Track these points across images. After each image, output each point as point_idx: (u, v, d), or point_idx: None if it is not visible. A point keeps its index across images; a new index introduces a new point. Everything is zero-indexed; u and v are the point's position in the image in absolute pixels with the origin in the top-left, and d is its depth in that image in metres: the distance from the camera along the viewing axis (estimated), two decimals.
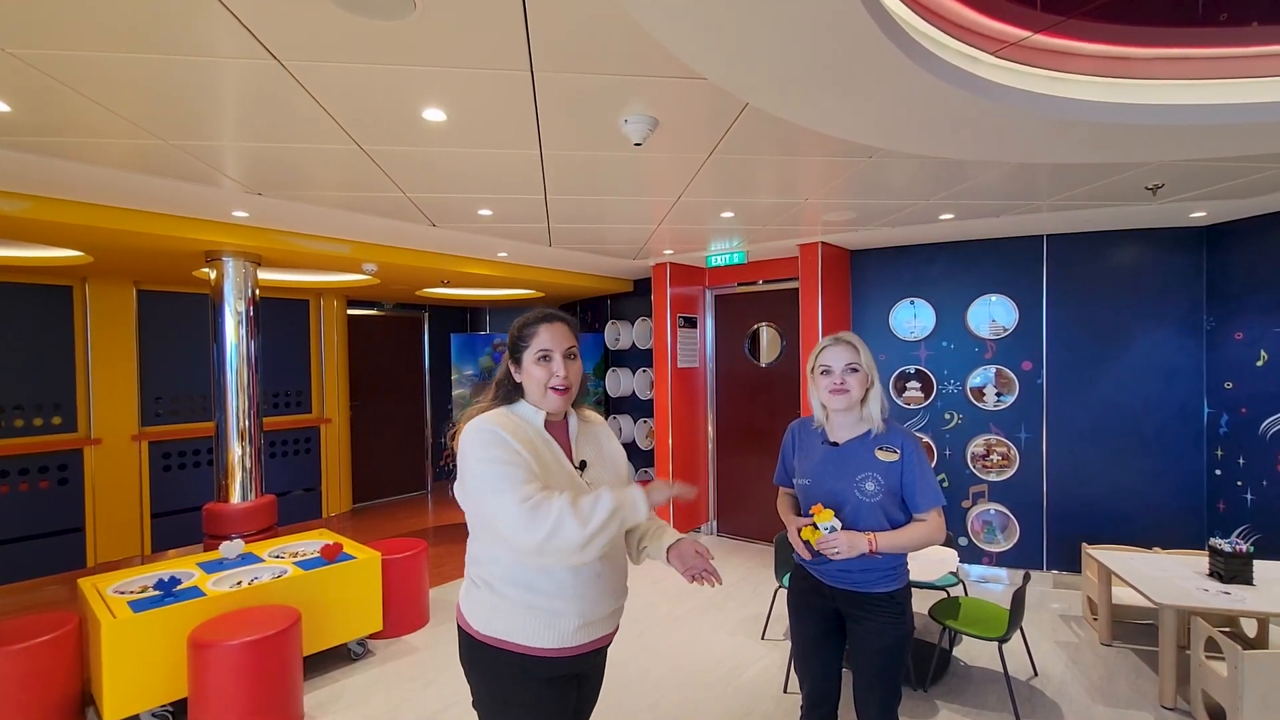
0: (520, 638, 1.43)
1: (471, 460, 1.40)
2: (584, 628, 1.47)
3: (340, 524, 6.30)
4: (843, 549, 1.76)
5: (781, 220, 3.92)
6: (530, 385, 1.54)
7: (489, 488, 1.36)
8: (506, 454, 1.38)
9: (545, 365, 1.52)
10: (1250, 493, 3.81)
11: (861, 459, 1.87)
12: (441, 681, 3.14)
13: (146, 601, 2.78)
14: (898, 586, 1.87)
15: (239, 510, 3.94)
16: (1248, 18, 2.13)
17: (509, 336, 1.61)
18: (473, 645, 1.48)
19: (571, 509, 1.31)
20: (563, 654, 1.46)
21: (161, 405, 5.39)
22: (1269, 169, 2.91)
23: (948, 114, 2.06)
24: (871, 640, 1.85)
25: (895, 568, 1.87)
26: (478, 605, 1.47)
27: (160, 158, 2.58)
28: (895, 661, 1.85)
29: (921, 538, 1.81)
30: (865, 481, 1.84)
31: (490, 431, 1.42)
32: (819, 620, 1.96)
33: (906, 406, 4.71)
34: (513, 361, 1.57)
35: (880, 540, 1.78)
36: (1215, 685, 2.62)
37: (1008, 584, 4.41)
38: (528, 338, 1.55)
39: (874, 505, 1.83)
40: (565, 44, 1.72)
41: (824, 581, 1.93)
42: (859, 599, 1.87)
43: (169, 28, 1.61)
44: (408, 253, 4.54)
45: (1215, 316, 4.03)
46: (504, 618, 1.44)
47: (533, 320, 1.57)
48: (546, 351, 1.52)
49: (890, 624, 1.84)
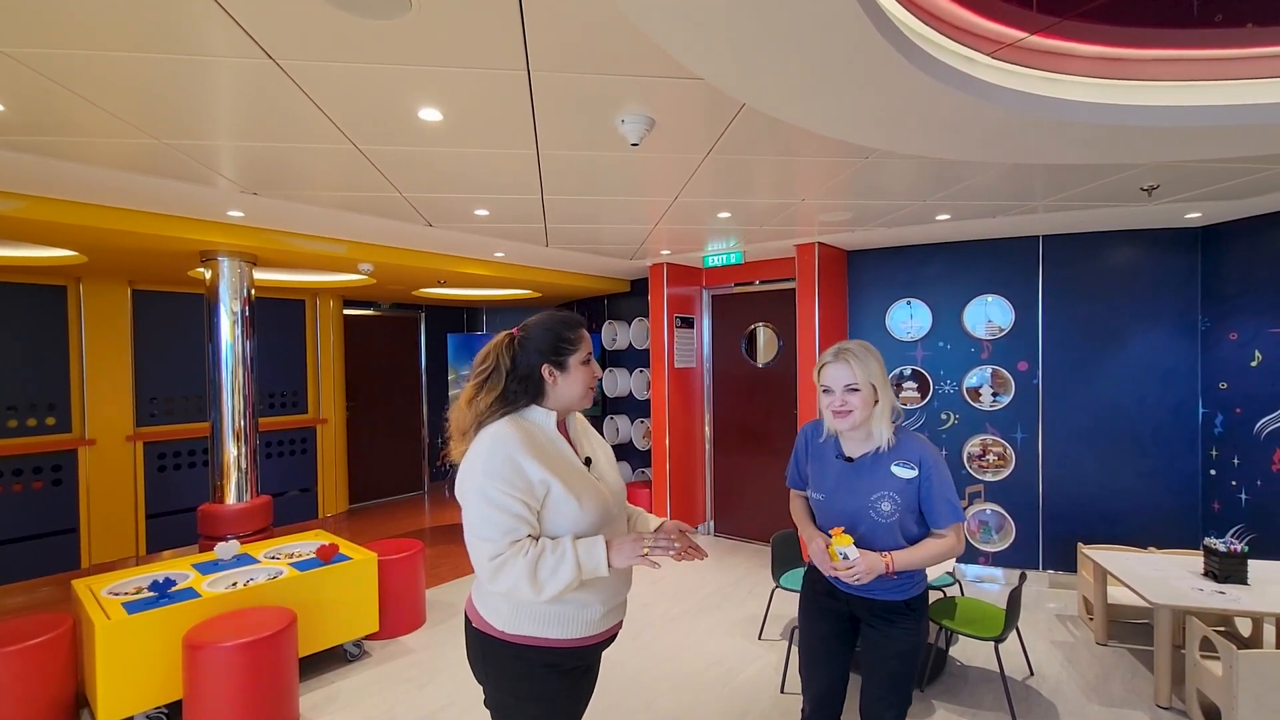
0: (551, 631, 1.47)
1: (475, 490, 1.41)
2: (607, 614, 1.54)
3: (336, 525, 6.28)
4: (861, 575, 1.70)
5: (778, 221, 3.92)
6: (573, 388, 1.56)
7: (477, 528, 1.41)
8: (508, 497, 1.39)
9: (589, 368, 1.58)
10: (1245, 493, 3.82)
11: (877, 476, 1.79)
12: (438, 682, 3.14)
13: (141, 603, 2.77)
14: (915, 594, 1.83)
15: (234, 511, 3.93)
16: (1243, 19, 2.14)
17: (545, 339, 1.54)
18: (494, 646, 1.49)
19: (529, 575, 1.36)
20: (588, 642, 1.52)
21: (156, 406, 5.37)
22: (1264, 170, 2.92)
23: (944, 115, 2.06)
24: (886, 646, 1.81)
25: (913, 576, 1.84)
26: (500, 605, 1.48)
27: (155, 157, 2.57)
28: (909, 668, 1.82)
29: (939, 555, 1.75)
30: (881, 502, 1.76)
31: (508, 459, 1.40)
32: (832, 621, 1.92)
33: (903, 406, 4.72)
34: (553, 364, 1.53)
35: (897, 559, 1.73)
36: (1210, 684, 2.62)
37: (1004, 584, 4.42)
38: (576, 341, 1.56)
39: (890, 525, 1.76)
40: (562, 44, 1.72)
41: (839, 587, 1.89)
42: (875, 605, 1.83)
43: (164, 27, 1.60)
44: (404, 253, 4.53)
45: (1210, 317, 4.04)
46: (531, 614, 1.46)
47: (574, 323, 1.59)
48: (589, 355, 1.59)
49: (906, 631, 1.80)
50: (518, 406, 1.52)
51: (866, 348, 1.83)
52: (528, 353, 1.54)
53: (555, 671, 1.49)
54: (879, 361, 1.82)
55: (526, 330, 1.57)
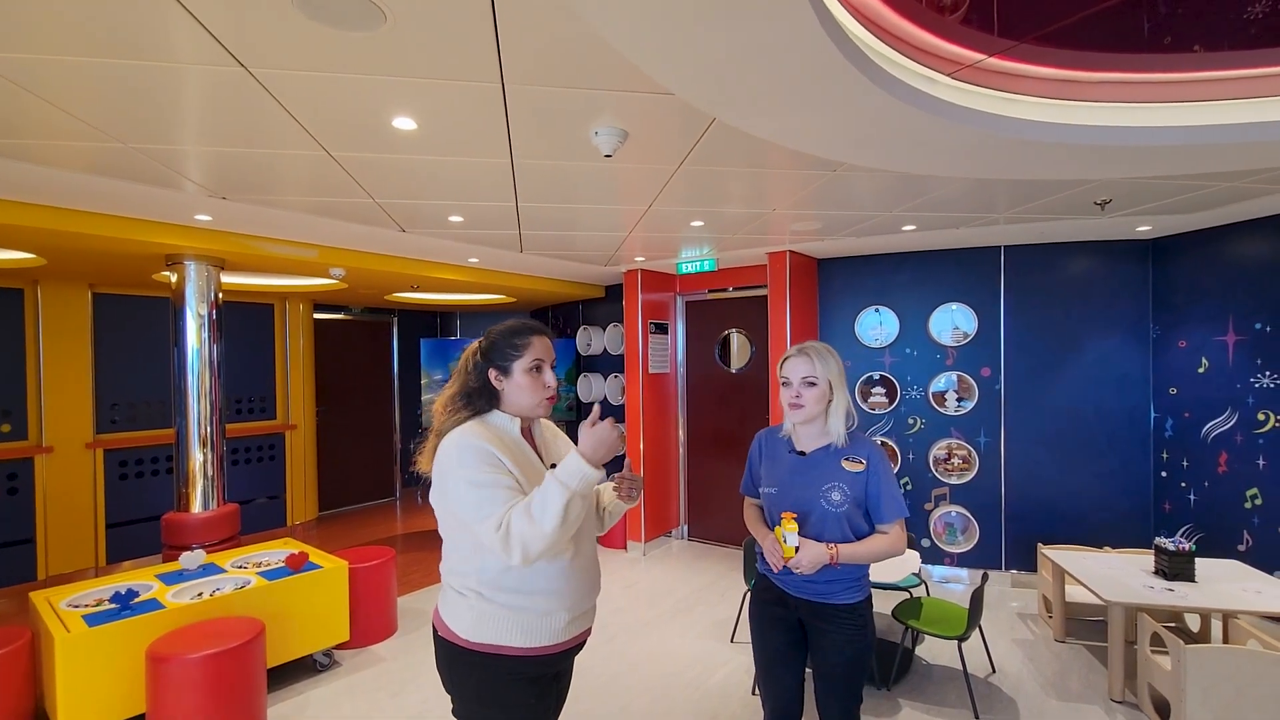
0: (514, 640, 1.46)
1: (460, 481, 1.41)
2: (573, 622, 1.54)
3: (306, 532, 6.18)
4: (804, 564, 1.79)
5: (750, 229, 3.99)
6: (520, 394, 1.55)
7: (474, 513, 1.39)
8: (494, 474, 1.41)
9: (538, 375, 1.56)
10: (1193, 493, 3.99)
11: (827, 468, 1.88)
12: (409, 691, 3.12)
13: (102, 615, 2.70)
14: (860, 598, 1.89)
15: (200, 519, 3.85)
16: (1190, 44, 2.26)
17: (491, 345, 1.58)
18: (459, 654, 1.48)
19: (528, 522, 1.34)
20: (553, 650, 1.51)
21: (118, 412, 5.22)
22: (1209, 187, 3.07)
23: (907, 132, 2.13)
24: (834, 652, 1.86)
25: (858, 579, 1.90)
26: (463, 614, 1.48)
27: (120, 161, 2.52)
28: (857, 671, 1.88)
29: (882, 550, 1.83)
30: (831, 491, 1.85)
31: (479, 448, 1.43)
32: (783, 632, 1.96)
33: (872, 411, 4.82)
34: (498, 370, 1.56)
35: (842, 551, 1.80)
36: (1161, 679, 2.74)
37: (968, 584, 4.53)
38: (520, 347, 1.55)
39: (839, 515, 1.84)
40: (536, 58, 1.74)
41: (788, 592, 1.94)
42: (822, 610, 1.89)
43: (132, 33, 1.59)
44: (377, 258, 4.49)
45: (1161, 325, 4.22)
46: (494, 623, 1.46)
47: (523, 330, 1.58)
48: (540, 362, 1.56)
49: (853, 635, 1.86)
50: (479, 410, 1.55)
51: (828, 349, 1.94)
52: (484, 357, 1.58)
53: (521, 680, 1.49)
54: (838, 363, 1.93)
55: (487, 335, 1.62)
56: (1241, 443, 3.70)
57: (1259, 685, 2.47)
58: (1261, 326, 3.60)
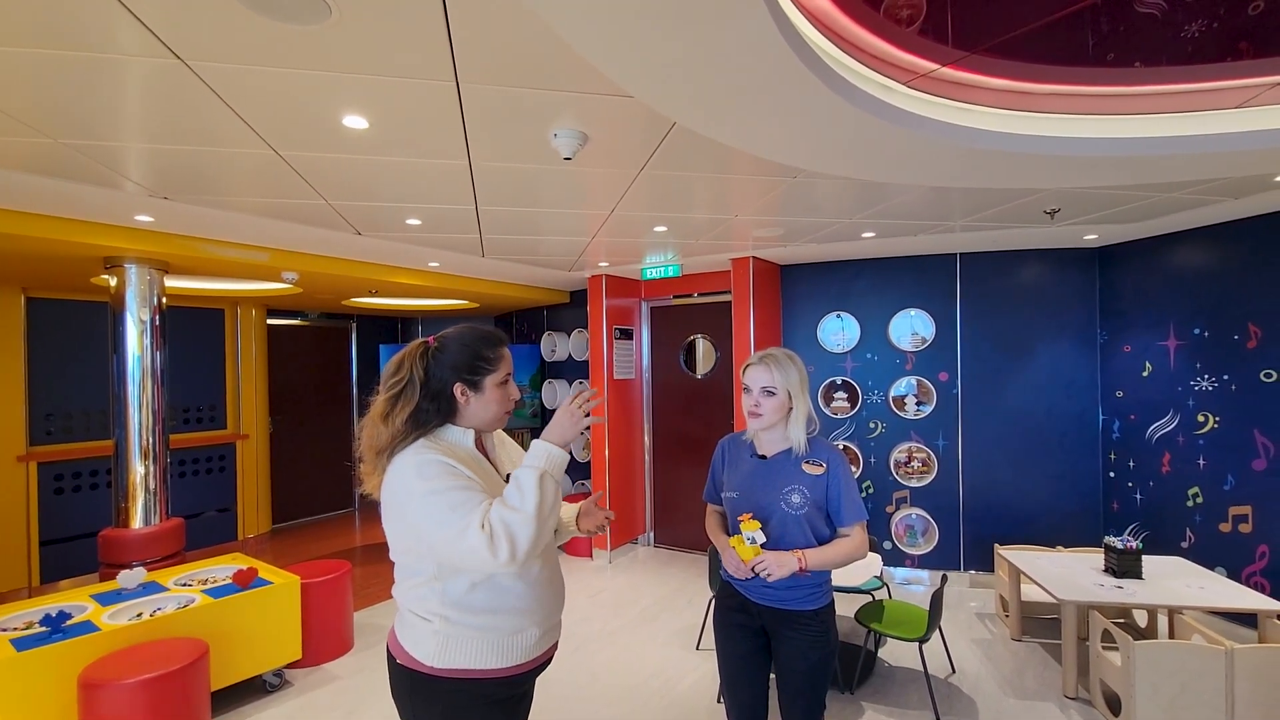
0: (486, 661, 1.39)
1: (425, 496, 1.30)
2: (543, 637, 1.49)
3: (258, 546, 5.95)
4: (773, 570, 1.76)
5: (714, 235, 4.00)
6: (485, 409, 1.47)
7: (449, 525, 1.27)
8: (457, 481, 1.32)
9: (505, 390, 1.51)
10: (1139, 493, 4.13)
11: (788, 472, 1.88)
12: (365, 709, 3.01)
13: (31, 639, 2.53)
14: (822, 605, 1.89)
15: (141, 535, 3.66)
16: (1131, 59, 2.34)
17: (461, 356, 1.45)
18: (423, 683, 1.40)
19: (508, 511, 1.28)
20: (524, 669, 1.46)
21: (53, 423, 4.95)
22: (1151, 197, 3.19)
23: (864, 139, 2.16)
24: (798, 658, 1.86)
25: (820, 585, 1.90)
26: (427, 639, 1.39)
27: (50, 157, 2.38)
28: (821, 676, 1.87)
29: (847, 554, 1.83)
30: (791, 494, 1.85)
31: (436, 462, 1.33)
32: (746, 639, 1.95)
33: (834, 416, 4.87)
34: (467, 384, 1.44)
35: (810, 558, 1.79)
36: (1111, 674, 2.81)
37: (929, 585, 4.61)
38: (494, 361, 1.47)
39: (800, 518, 1.84)
40: (491, 56, 1.70)
41: (750, 599, 1.93)
42: (785, 616, 1.88)
43: (58, 20, 1.49)
44: (332, 261, 4.35)
45: (1107, 330, 4.37)
46: (463, 646, 1.38)
47: (495, 342, 1.49)
48: (509, 375, 1.52)
49: (816, 641, 1.86)
50: (429, 429, 1.42)
51: (790, 356, 1.92)
52: (441, 368, 1.44)
53: (488, 703, 1.42)
54: (800, 371, 1.91)
55: (443, 342, 1.47)
56: (1183, 444, 3.85)
57: (1203, 679, 2.55)
58: (1200, 332, 3.75)
